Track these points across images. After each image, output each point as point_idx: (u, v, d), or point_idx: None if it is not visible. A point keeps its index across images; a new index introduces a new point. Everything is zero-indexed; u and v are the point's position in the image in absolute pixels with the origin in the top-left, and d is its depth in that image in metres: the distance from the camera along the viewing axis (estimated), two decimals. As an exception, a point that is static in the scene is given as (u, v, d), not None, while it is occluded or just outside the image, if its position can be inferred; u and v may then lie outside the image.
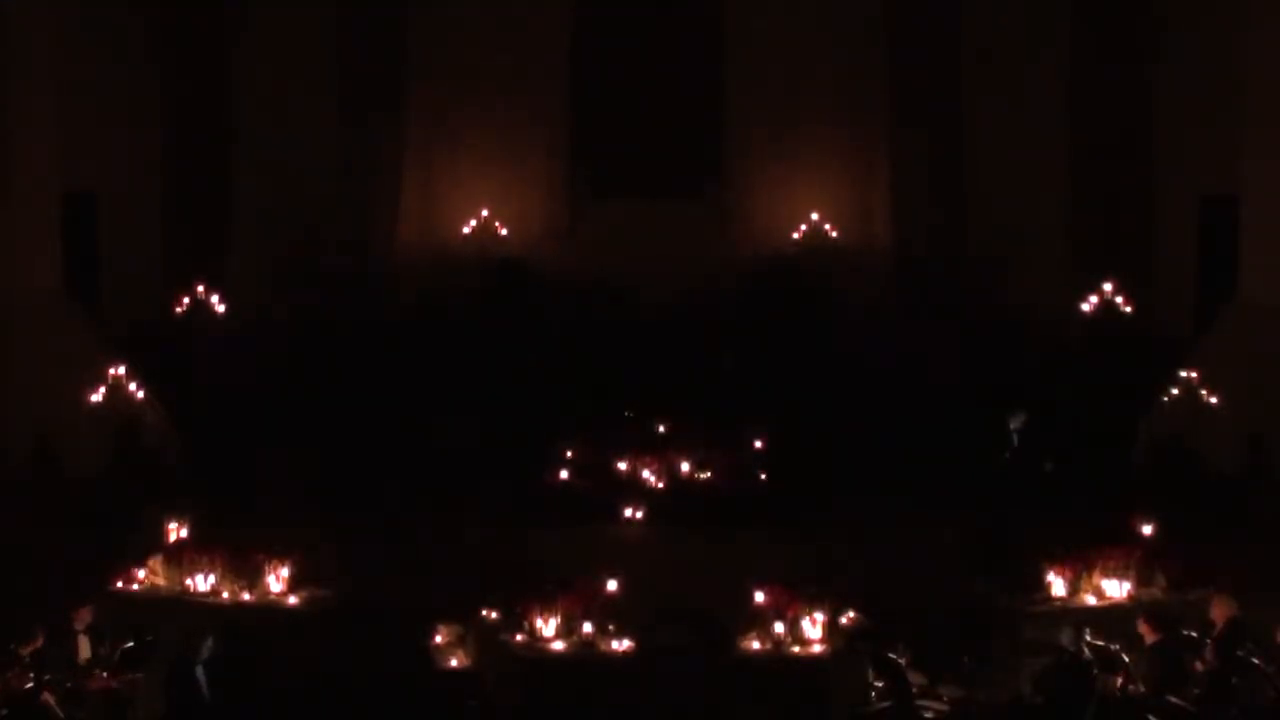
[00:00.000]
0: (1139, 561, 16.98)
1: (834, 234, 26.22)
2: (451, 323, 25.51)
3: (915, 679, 14.72)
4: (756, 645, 15.49)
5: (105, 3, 24.17)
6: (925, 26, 26.26)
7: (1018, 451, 20.37)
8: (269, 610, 16.57)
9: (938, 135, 26.29)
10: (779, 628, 15.43)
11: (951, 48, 26.21)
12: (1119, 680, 14.54)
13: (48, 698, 14.36)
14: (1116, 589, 16.77)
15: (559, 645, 15.46)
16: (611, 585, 15.84)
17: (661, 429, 21.60)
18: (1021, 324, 24.54)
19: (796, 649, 15.44)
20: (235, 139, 25.83)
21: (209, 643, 14.86)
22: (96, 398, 20.57)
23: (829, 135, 26.46)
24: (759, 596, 15.67)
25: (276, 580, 17.05)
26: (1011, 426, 20.69)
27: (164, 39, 25.43)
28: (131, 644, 15.06)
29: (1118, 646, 14.67)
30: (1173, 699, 14.32)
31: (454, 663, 16.29)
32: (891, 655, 14.65)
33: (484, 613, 16.25)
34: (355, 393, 23.65)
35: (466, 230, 26.38)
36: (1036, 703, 14.88)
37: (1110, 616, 16.17)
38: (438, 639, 16.41)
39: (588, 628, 15.42)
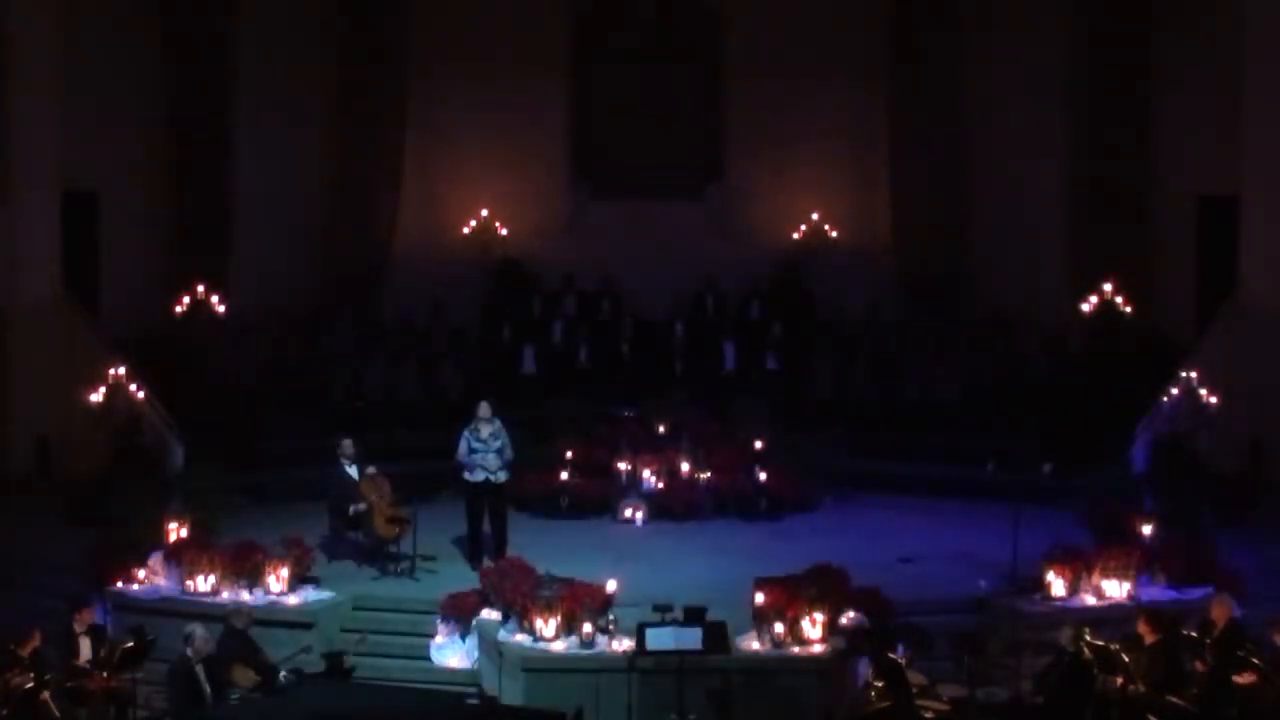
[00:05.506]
0: (1139, 561, 16.99)
1: (834, 234, 26.22)
2: (451, 322, 25.54)
3: (915, 679, 14.71)
4: (756, 645, 15.50)
5: (106, 3, 24.15)
6: (925, 26, 26.24)
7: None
8: (269, 610, 16.58)
9: (937, 136, 26.26)
10: (779, 628, 15.43)
11: (951, 47, 26.19)
12: (1119, 680, 14.53)
13: (47, 698, 14.36)
14: (1116, 589, 16.79)
15: (559, 645, 15.46)
16: (611, 585, 15.84)
17: (661, 429, 21.63)
18: (1021, 324, 24.55)
19: (796, 649, 15.44)
20: (235, 139, 25.80)
21: (208, 640, 14.86)
22: (96, 398, 20.58)
23: (829, 136, 26.45)
24: (759, 597, 15.67)
25: (276, 580, 17.06)
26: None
27: (164, 38, 25.39)
28: (131, 644, 15.04)
29: (1118, 646, 14.66)
30: (1173, 699, 14.32)
31: (454, 663, 16.32)
32: (891, 655, 14.64)
33: (484, 613, 16.27)
34: (355, 391, 23.69)
35: (466, 230, 26.38)
36: (1036, 703, 14.89)
37: (1110, 616, 16.18)
38: (437, 639, 16.43)
39: (588, 628, 15.43)
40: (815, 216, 26.21)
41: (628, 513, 20.53)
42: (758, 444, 21.37)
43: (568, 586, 15.86)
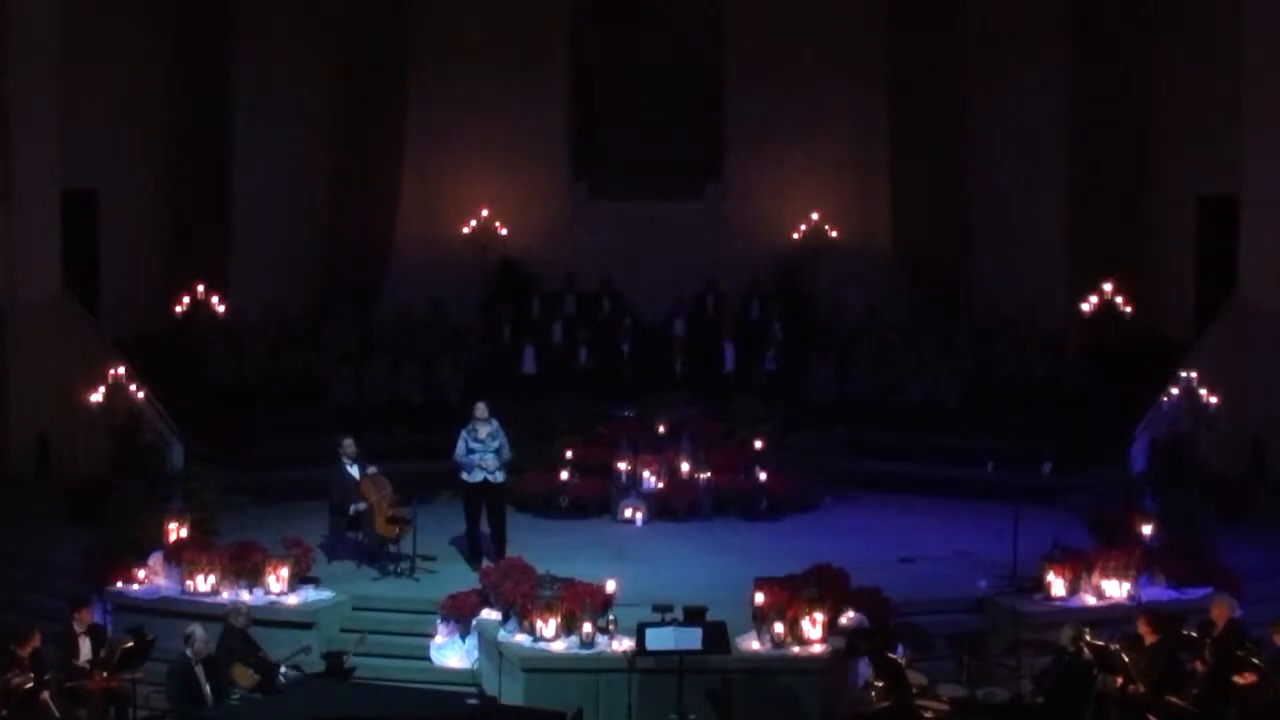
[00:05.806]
0: (1139, 561, 16.99)
1: (834, 234, 26.21)
2: (451, 322, 25.53)
3: (915, 679, 14.71)
4: (756, 645, 15.50)
5: (106, 3, 24.16)
6: (925, 27, 26.25)
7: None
8: (269, 610, 16.58)
9: (937, 135, 26.27)
10: (779, 628, 15.43)
11: (951, 47, 26.20)
12: (1119, 680, 14.53)
13: (47, 698, 14.36)
14: (1116, 589, 16.79)
15: (559, 645, 15.46)
16: (611, 585, 15.84)
17: (661, 429, 21.62)
18: (1021, 324, 24.54)
19: (796, 649, 15.44)
20: (235, 139, 25.81)
21: (208, 640, 14.86)
22: (96, 398, 20.58)
23: (829, 136, 26.43)
24: (759, 597, 15.67)
25: (276, 580, 17.06)
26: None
27: (165, 37, 25.42)
28: (131, 644, 15.04)
29: (1118, 646, 14.66)
30: (1173, 699, 14.32)
31: (454, 663, 16.32)
32: (891, 655, 14.64)
33: (484, 613, 16.27)
34: (354, 391, 23.67)
35: (466, 230, 26.38)
36: (1036, 703, 14.88)
37: (1110, 616, 16.18)
38: (437, 639, 16.43)
39: (588, 628, 15.43)
40: (815, 216, 26.18)
41: (628, 513, 20.52)
42: (758, 444, 21.36)
43: (568, 586, 15.86)
